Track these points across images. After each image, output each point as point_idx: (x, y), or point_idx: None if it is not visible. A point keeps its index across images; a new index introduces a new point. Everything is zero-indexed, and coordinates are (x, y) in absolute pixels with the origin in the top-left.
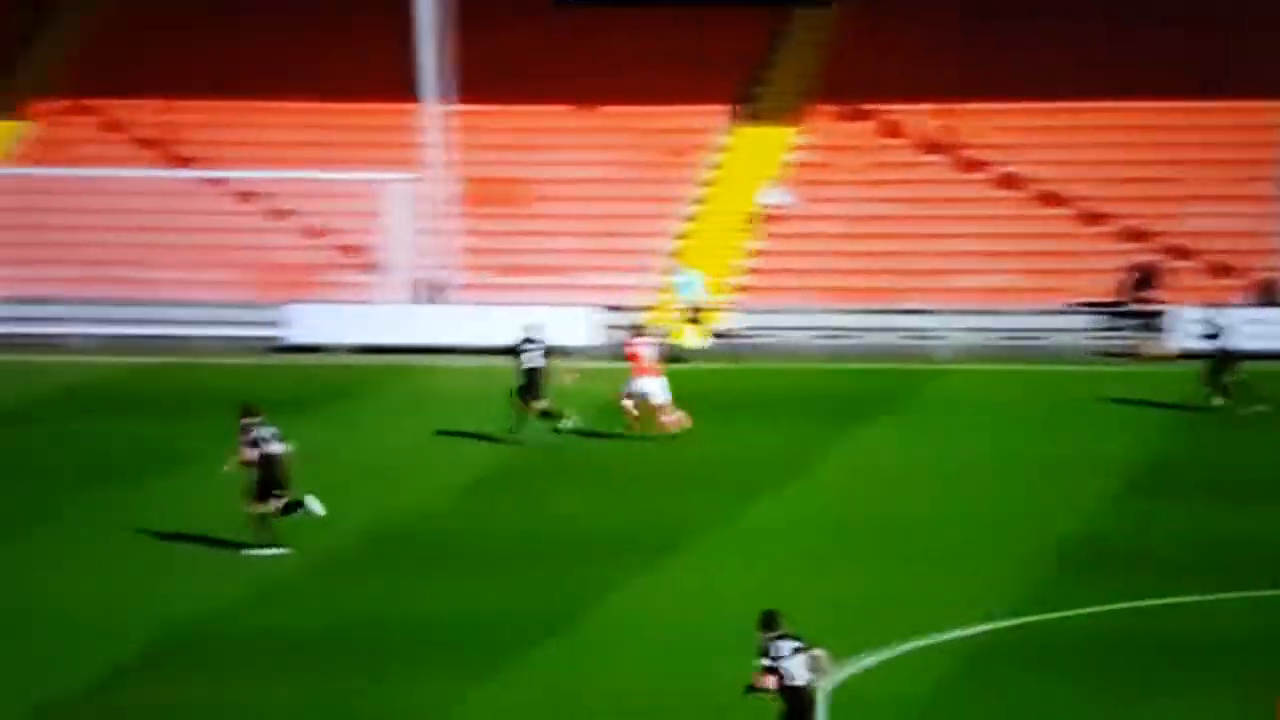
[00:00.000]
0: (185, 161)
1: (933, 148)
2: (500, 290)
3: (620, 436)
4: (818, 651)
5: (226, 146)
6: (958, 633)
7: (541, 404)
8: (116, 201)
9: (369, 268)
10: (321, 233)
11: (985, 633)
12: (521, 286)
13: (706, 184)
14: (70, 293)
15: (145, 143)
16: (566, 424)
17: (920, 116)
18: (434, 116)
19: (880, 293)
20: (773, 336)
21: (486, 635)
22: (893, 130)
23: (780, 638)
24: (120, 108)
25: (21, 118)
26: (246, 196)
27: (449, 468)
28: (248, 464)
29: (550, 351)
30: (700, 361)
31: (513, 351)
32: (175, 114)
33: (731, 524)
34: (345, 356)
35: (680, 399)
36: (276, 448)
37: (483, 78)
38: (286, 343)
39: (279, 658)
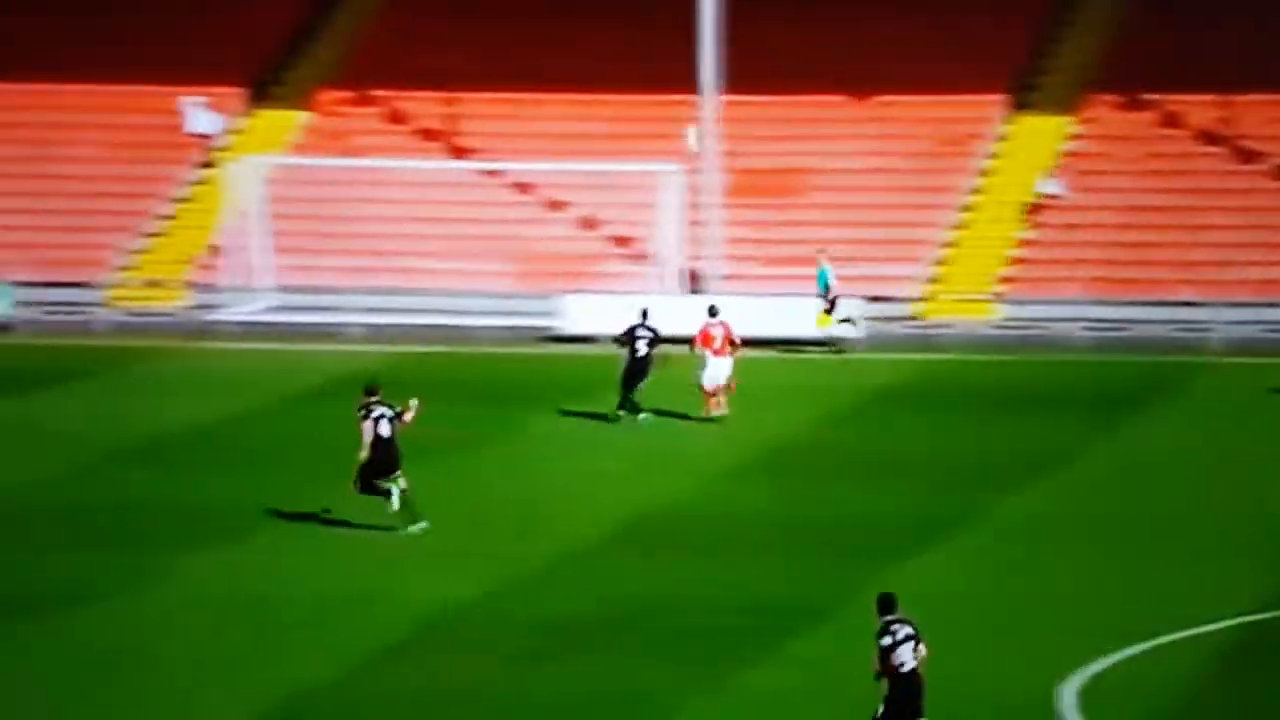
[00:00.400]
0: (464, 153)
1: (1211, 139)
2: (764, 281)
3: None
4: (920, 645)
5: (505, 138)
6: (1212, 626)
7: (638, 391)
8: (395, 193)
9: (640, 259)
10: (595, 224)
11: (1239, 626)
12: (785, 278)
13: (982, 174)
14: (347, 283)
15: (426, 134)
16: (646, 419)
17: (1199, 107)
18: (708, 107)
19: (1151, 284)
20: (1040, 328)
21: (749, 623)
22: (1171, 121)
23: (897, 622)
24: (403, 99)
25: (303, 108)
26: (523, 188)
27: (710, 455)
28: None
29: (658, 340)
30: (953, 353)
31: (626, 336)
32: (456, 106)
33: (991, 517)
34: (613, 347)
35: (935, 391)
36: (385, 429)
37: (753, 68)
38: (558, 333)
39: (541, 643)
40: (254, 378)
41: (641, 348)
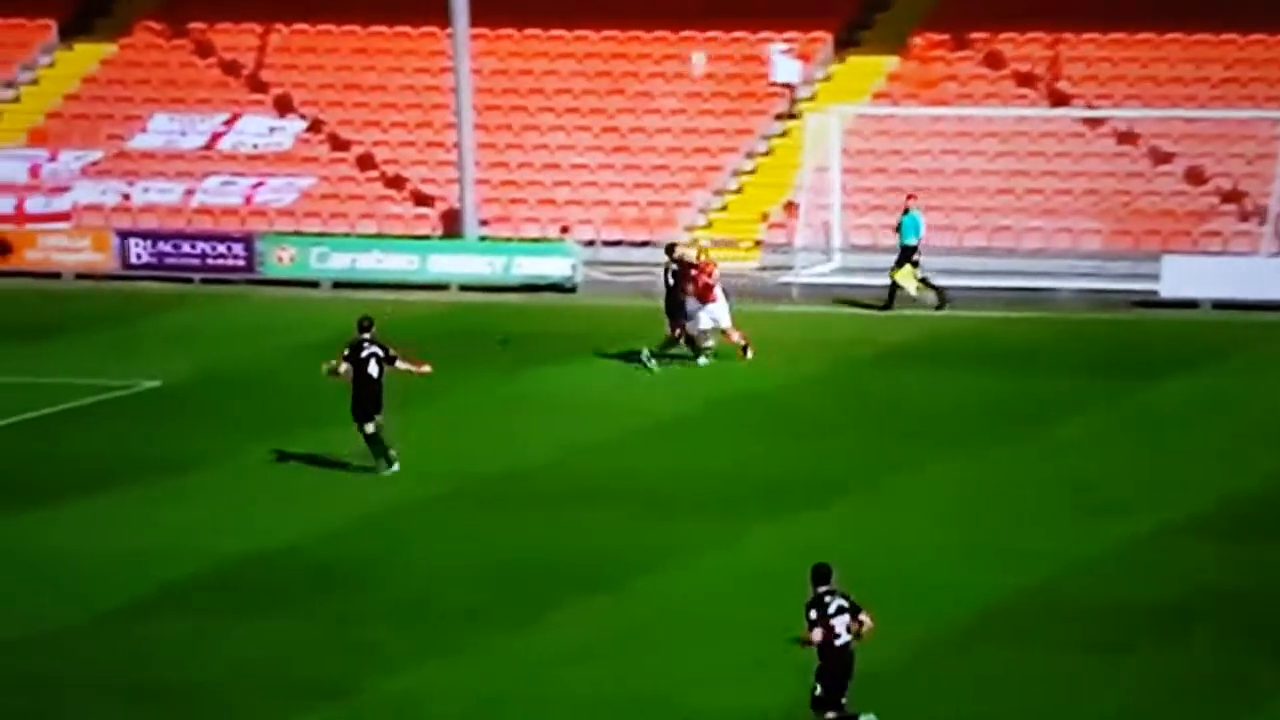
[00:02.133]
0: (1064, 99)
1: None
2: None
3: None
4: (864, 616)
5: (1110, 82)
6: None
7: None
8: (984, 144)
9: (1250, 215)
10: (1202, 177)
11: None
12: None
13: None
14: (927, 242)
15: (1022, 79)
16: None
17: None
18: None
19: None
20: None
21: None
22: None
23: (830, 593)
24: (1002, 42)
25: (893, 53)
26: (1125, 138)
27: None
28: (335, 374)
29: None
30: None
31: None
32: (1060, 48)
33: None
34: (1214, 313)
35: None
36: (373, 369)
37: None
38: (1157, 298)
39: (1118, 630)
40: (812, 342)
41: (672, 280)
